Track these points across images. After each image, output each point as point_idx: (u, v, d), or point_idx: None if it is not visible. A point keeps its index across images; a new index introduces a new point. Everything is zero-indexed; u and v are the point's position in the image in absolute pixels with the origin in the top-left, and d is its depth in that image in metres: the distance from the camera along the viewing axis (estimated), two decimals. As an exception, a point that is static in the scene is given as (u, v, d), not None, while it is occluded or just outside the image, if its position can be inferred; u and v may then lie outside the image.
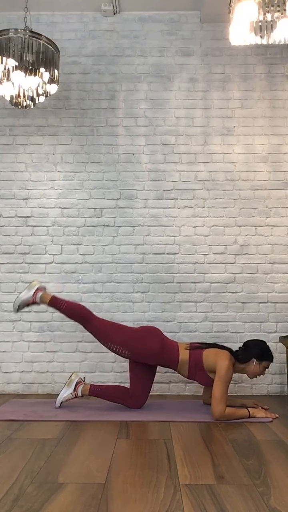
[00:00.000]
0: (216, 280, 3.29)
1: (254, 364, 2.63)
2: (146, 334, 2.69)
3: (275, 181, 3.37)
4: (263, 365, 2.64)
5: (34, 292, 2.73)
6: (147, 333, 2.70)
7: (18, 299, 2.73)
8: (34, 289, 2.74)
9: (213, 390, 2.48)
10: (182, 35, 3.54)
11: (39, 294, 2.73)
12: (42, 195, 3.38)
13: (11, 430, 2.26)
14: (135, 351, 2.65)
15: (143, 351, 2.65)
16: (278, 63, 3.50)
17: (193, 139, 3.43)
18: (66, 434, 2.20)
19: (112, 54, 3.53)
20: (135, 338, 2.66)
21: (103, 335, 2.68)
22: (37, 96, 2.86)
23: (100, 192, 3.38)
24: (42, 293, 2.73)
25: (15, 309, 2.75)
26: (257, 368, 2.63)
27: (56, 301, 2.72)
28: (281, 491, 1.55)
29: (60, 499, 1.47)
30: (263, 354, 2.64)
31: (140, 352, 2.65)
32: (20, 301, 2.72)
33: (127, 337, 2.66)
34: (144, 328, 2.77)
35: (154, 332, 2.72)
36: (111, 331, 2.68)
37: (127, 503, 1.44)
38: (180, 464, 1.79)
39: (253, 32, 2.12)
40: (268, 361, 2.65)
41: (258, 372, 2.64)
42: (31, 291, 2.73)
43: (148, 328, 2.75)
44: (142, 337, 2.66)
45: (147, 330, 2.73)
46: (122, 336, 2.66)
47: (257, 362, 2.63)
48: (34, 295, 2.73)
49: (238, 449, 1.99)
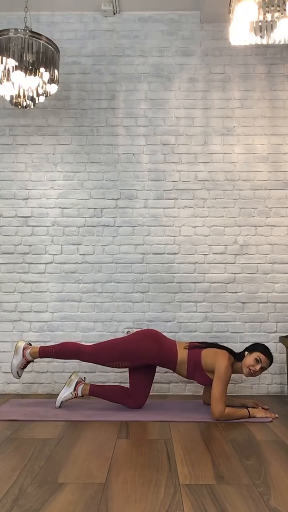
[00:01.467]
0: (216, 280, 3.29)
1: (246, 355, 2.62)
2: (140, 340, 2.68)
3: (275, 181, 3.37)
4: (254, 356, 2.57)
5: (22, 352, 2.77)
6: (141, 338, 2.69)
7: (12, 367, 2.78)
8: (21, 349, 2.78)
9: (212, 390, 2.48)
10: (182, 35, 3.54)
11: (27, 351, 2.77)
12: (42, 195, 3.38)
13: (11, 430, 2.26)
14: (133, 359, 2.66)
15: (140, 357, 2.65)
16: (278, 63, 3.50)
17: (193, 139, 3.43)
18: (66, 434, 2.20)
19: (112, 54, 3.53)
20: (130, 347, 2.66)
21: (100, 359, 2.70)
22: (37, 96, 2.86)
23: (100, 192, 3.38)
24: (29, 350, 2.76)
25: (16, 377, 2.82)
26: (249, 359, 2.58)
27: (45, 351, 2.74)
28: (281, 491, 1.55)
29: (60, 499, 1.47)
30: (255, 346, 2.64)
31: (138, 358, 2.65)
32: (15, 368, 2.77)
33: (121, 350, 2.66)
34: (139, 333, 2.76)
35: (149, 334, 2.71)
36: (105, 352, 2.68)
37: (127, 503, 1.44)
38: (180, 464, 1.79)
39: (253, 32, 2.12)
40: (258, 351, 2.59)
41: (251, 363, 2.56)
42: (19, 353, 2.77)
43: (143, 333, 2.74)
44: (137, 345, 2.66)
45: (141, 335, 2.72)
46: (116, 352, 2.66)
47: (248, 354, 2.62)
48: (23, 355, 2.77)
49: (238, 449, 1.99)
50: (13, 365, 2.77)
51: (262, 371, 2.63)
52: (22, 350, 2.77)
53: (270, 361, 2.63)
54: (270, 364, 2.64)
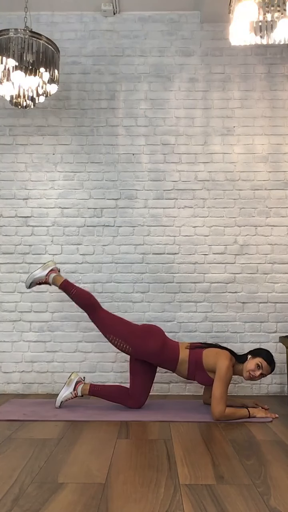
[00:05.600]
0: (216, 280, 3.29)
1: (249, 359, 2.61)
2: (148, 332, 2.69)
3: (275, 181, 3.37)
4: (256, 361, 2.56)
5: (48, 272, 2.76)
6: (149, 331, 2.70)
7: (31, 276, 2.76)
8: (49, 269, 2.77)
9: (213, 390, 2.48)
10: (182, 35, 3.54)
11: (52, 275, 2.75)
12: (42, 195, 3.38)
13: (11, 430, 2.26)
14: (136, 347, 2.65)
15: (144, 348, 2.65)
16: (278, 63, 3.50)
17: (193, 139, 3.43)
18: (66, 434, 2.20)
19: (112, 54, 3.53)
20: (137, 334, 2.67)
21: (106, 326, 2.70)
22: (37, 96, 2.86)
23: (100, 192, 3.38)
24: (55, 274, 2.75)
25: (27, 286, 2.80)
26: (251, 363, 2.57)
27: (68, 285, 2.74)
28: (281, 491, 1.55)
29: (60, 499, 1.47)
30: (258, 351, 2.64)
31: (141, 348, 2.65)
32: (32, 279, 2.75)
33: (129, 332, 2.67)
34: (147, 326, 2.77)
35: (157, 331, 2.73)
36: (114, 324, 2.70)
37: (127, 503, 1.44)
38: (180, 464, 1.79)
39: (253, 32, 2.12)
40: (261, 357, 2.58)
41: (252, 368, 2.56)
42: (45, 271, 2.75)
43: (151, 327, 2.76)
44: (144, 334, 2.67)
45: (149, 328, 2.73)
46: (124, 330, 2.68)
47: (251, 357, 2.61)
48: (47, 275, 2.75)
49: (238, 449, 1.99)
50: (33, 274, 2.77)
51: (261, 377, 2.61)
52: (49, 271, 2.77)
53: (271, 369, 2.61)
54: (270, 371, 2.62)
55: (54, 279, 2.76)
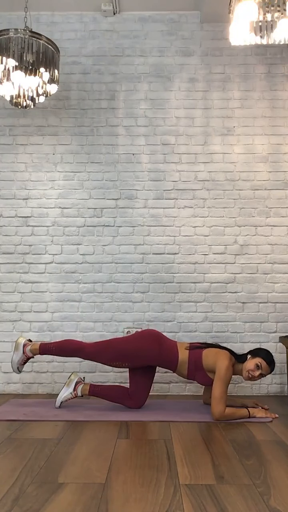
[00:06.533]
0: (216, 280, 3.29)
1: (248, 359, 2.61)
2: (141, 341, 2.67)
3: (275, 181, 3.37)
4: (256, 361, 2.56)
5: (23, 348, 2.76)
6: (142, 339, 2.68)
7: (12, 363, 2.77)
8: (21, 346, 2.77)
9: (213, 390, 2.48)
10: (182, 35, 3.54)
11: (27, 348, 2.76)
12: (42, 195, 3.38)
13: (11, 430, 2.26)
14: (133, 360, 2.66)
15: (141, 357, 2.65)
16: (278, 63, 3.50)
17: (193, 139, 3.43)
18: (66, 434, 2.20)
19: (112, 54, 3.53)
20: (131, 348, 2.66)
21: (100, 358, 2.69)
22: (37, 96, 2.86)
23: (100, 192, 3.38)
24: (29, 346, 2.76)
25: (17, 372, 2.80)
26: (250, 363, 2.57)
27: (45, 347, 2.75)
28: (281, 491, 1.55)
29: (60, 499, 1.47)
30: (258, 351, 2.63)
31: (139, 359, 2.65)
32: (15, 364, 2.76)
33: (122, 350, 2.66)
34: (139, 334, 2.76)
35: (150, 335, 2.70)
36: (106, 351, 2.68)
37: (127, 503, 1.44)
38: (180, 464, 1.79)
39: (253, 32, 2.12)
40: (261, 357, 2.58)
41: (251, 368, 2.55)
42: (19, 350, 2.77)
43: (143, 333, 2.74)
44: (137, 345, 2.66)
45: (142, 336, 2.71)
46: (117, 351, 2.66)
47: (250, 357, 2.61)
48: (24, 352, 2.76)
49: (238, 449, 1.99)
50: (13, 361, 2.77)
51: (260, 378, 2.61)
52: (23, 347, 2.77)
53: (270, 369, 2.61)
54: (270, 372, 2.61)
55: (31, 350, 2.75)
